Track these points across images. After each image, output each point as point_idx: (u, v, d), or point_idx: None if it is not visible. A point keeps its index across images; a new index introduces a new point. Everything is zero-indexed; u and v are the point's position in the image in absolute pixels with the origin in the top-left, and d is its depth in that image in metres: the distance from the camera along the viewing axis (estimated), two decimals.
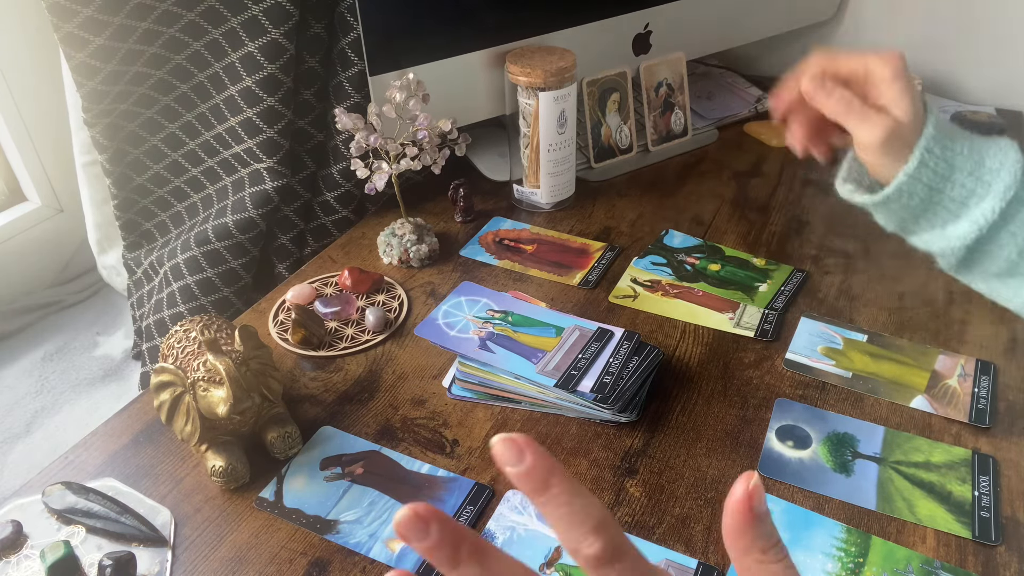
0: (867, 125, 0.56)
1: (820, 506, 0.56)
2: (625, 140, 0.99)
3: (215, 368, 0.55)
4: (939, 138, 0.56)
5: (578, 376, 0.63)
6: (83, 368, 0.94)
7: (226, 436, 0.58)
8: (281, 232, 0.90)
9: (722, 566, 0.52)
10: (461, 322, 0.70)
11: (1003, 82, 1.13)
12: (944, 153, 0.56)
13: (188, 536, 0.55)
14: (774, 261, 0.82)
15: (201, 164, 0.89)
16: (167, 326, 0.86)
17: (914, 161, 0.55)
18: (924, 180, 0.56)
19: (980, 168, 0.56)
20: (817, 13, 1.18)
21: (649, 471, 0.59)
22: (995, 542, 0.53)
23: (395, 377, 0.69)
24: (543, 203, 0.91)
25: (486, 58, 0.87)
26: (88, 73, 0.79)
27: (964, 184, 0.56)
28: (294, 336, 0.71)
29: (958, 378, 0.67)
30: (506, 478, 0.61)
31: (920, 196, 0.57)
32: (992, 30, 1.11)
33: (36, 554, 0.54)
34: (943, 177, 0.56)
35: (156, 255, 0.89)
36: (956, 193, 0.56)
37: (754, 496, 0.29)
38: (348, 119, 0.74)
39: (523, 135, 0.87)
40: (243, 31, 0.79)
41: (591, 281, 0.79)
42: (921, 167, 0.55)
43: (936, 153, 0.55)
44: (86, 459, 0.61)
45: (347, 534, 0.55)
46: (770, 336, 0.71)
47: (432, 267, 0.83)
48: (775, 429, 0.62)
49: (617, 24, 0.96)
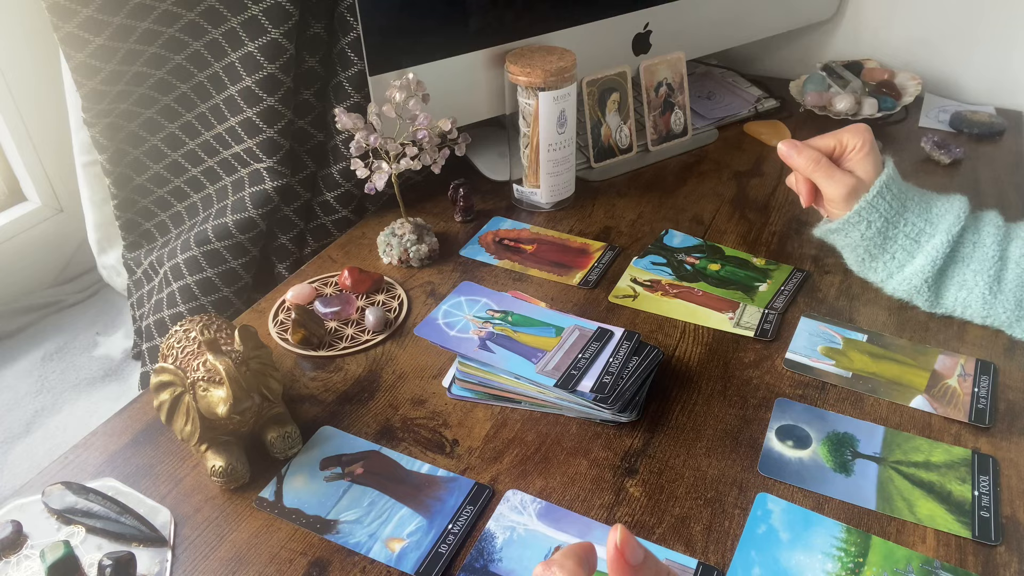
0: (832, 182, 0.68)
1: (820, 506, 0.56)
2: (625, 140, 0.99)
3: (215, 368, 0.55)
4: (896, 181, 0.68)
5: (578, 376, 0.63)
6: (83, 368, 0.94)
7: (226, 436, 0.58)
8: (281, 232, 0.90)
9: (722, 566, 0.52)
10: (461, 322, 0.70)
11: (1003, 82, 1.13)
12: (899, 194, 0.68)
13: (188, 536, 0.55)
14: (774, 261, 0.82)
15: (201, 164, 0.89)
16: (167, 326, 0.86)
17: (873, 191, 0.67)
18: (881, 210, 0.67)
19: (928, 212, 0.68)
20: (817, 13, 1.18)
21: (649, 471, 0.59)
22: (995, 542, 0.53)
23: (395, 377, 0.69)
24: (543, 203, 0.91)
25: (486, 58, 0.87)
26: (88, 73, 0.79)
27: (915, 223, 0.68)
28: (294, 336, 0.71)
29: (958, 378, 0.66)
30: (506, 478, 0.62)
31: (877, 226, 0.68)
32: (992, 30, 1.11)
33: (36, 554, 0.54)
34: (897, 212, 0.68)
35: (156, 255, 0.89)
36: (909, 229, 0.68)
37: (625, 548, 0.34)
38: (348, 119, 0.74)
39: (523, 135, 0.87)
40: (243, 31, 0.79)
41: (591, 281, 0.79)
42: (878, 198, 0.67)
43: (892, 191, 0.67)
44: (86, 459, 0.61)
45: (347, 534, 0.55)
46: (770, 336, 0.71)
47: (432, 267, 0.83)
48: (775, 429, 0.62)
49: (617, 24, 0.96)
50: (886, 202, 0.67)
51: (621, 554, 0.34)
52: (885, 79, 1.11)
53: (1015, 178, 0.95)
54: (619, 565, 0.34)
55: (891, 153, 0.98)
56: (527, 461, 0.60)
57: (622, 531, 0.34)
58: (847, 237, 0.71)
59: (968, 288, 0.68)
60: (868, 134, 0.69)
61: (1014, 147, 1.03)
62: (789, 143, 0.70)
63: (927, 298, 0.70)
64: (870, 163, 0.68)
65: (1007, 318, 0.68)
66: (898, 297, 0.72)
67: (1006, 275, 0.67)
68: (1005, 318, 0.68)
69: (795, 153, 0.69)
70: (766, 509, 0.56)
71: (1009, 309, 0.67)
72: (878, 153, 0.69)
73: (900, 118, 1.10)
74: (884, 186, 0.67)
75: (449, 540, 0.54)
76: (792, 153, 0.70)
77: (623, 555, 0.34)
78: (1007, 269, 0.67)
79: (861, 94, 1.08)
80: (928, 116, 1.10)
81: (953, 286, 0.69)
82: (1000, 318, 0.68)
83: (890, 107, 1.06)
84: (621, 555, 0.34)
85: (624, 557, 0.34)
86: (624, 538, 0.34)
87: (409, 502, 0.57)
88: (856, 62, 1.15)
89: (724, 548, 0.54)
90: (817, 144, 0.70)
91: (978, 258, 0.67)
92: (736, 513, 0.56)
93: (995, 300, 0.67)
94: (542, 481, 0.59)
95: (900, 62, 1.18)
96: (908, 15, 1.16)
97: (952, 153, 0.98)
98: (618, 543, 0.34)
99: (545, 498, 0.57)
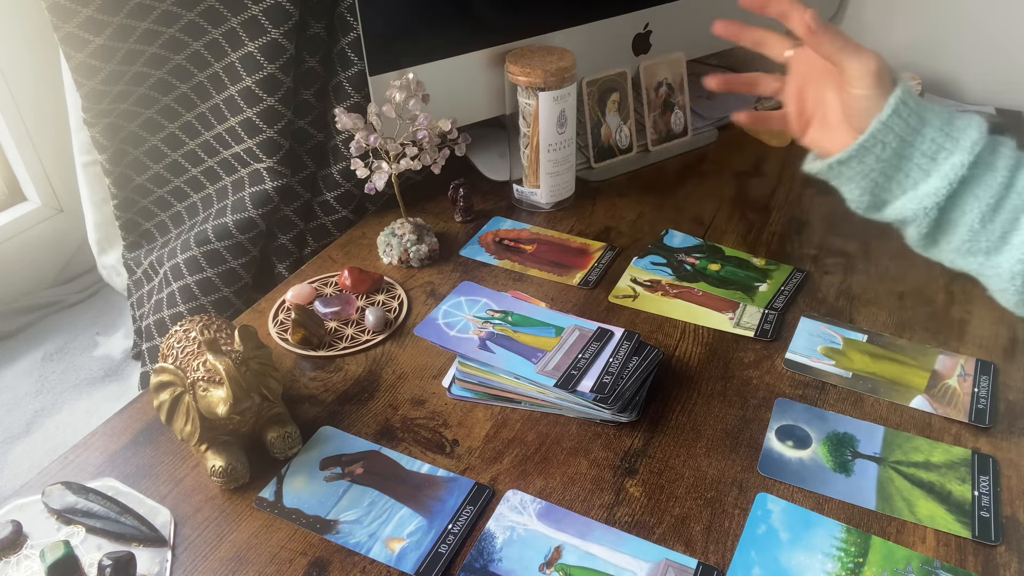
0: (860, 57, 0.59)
1: (820, 506, 0.56)
2: (625, 140, 0.99)
3: (215, 368, 0.55)
4: (911, 94, 0.59)
5: (578, 376, 0.63)
6: (83, 368, 0.94)
7: (226, 436, 0.58)
8: (281, 232, 0.90)
9: (722, 566, 0.52)
10: (461, 322, 0.70)
11: (1003, 82, 1.13)
12: (917, 107, 0.59)
13: (188, 536, 0.55)
14: (774, 261, 0.82)
15: (201, 164, 0.89)
16: (167, 326, 0.86)
17: (889, 108, 0.58)
18: (897, 130, 0.59)
19: (949, 125, 0.59)
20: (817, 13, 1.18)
21: (649, 471, 0.59)
22: (995, 542, 0.53)
23: (395, 377, 0.69)
24: (543, 203, 0.91)
25: (486, 58, 0.87)
26: (88, 73, 0.79)
27: (934, 139, 0.59)
28: (294, 336, 0.71)
29: (958, 378, 0.67)
30: (506, 478, 0.62)
31: (892, 147, 0.59)
32: (992, 30, 1.11)
33: (36, 554, 0.54)
34: (914, 129, 0.59)
35: (156, 255, 0.89)
36: (927, 147, 0.59)
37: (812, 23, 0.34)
38: (348, 119, 0.74)
39: (523, 135, 0.87)
40: (243, 31, 0.79)
41: (591, 281, 0.79)
42: (895, 116, 0.59)
43: (910, 105, 0.59)
44: (86, 459, 0.61)
45: (347, 534, 0.55)
46: (770, 336, 0.71)
47: (432, 267, 0.83)
48: (775, 429, 0.62)
49: (617, 24, 0.96)
50: (903, 120, 0.59)
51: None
52: None
53: None
54: None
55: None
56: (527, 461, 0.60)
57: None
58: (860, 164, 0.61)
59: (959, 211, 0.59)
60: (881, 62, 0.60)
61: None
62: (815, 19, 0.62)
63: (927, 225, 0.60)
64: None
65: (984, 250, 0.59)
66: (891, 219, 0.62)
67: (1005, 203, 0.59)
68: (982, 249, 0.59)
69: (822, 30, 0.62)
70: (766, 509, 0.56)
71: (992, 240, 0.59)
72: None
73: None
74: (901, 101, 0.58)
75: (449, 540, 0.54)
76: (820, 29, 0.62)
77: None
78: (1008, 197, 0.59)
79: None
80: None
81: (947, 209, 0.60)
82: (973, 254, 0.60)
83: None
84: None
85: None
86: None
87: (409, 502, 0.57)
88: None
89: (724, 548, 0.54)
90: None
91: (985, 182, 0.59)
92: (736, 513, 0.56)
93: (982, 230, 0.59)
94: (542, 481, 0.59)
95: (900, 62, 1.18)
96: (908, 15, 1.16)
97: None
98: None
99: (545, 498, 0.57)
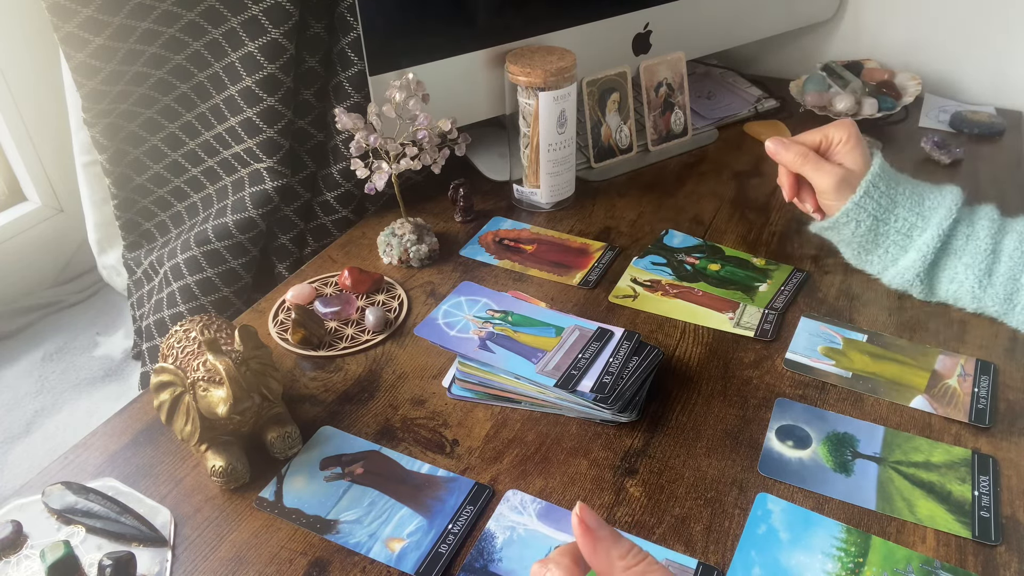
0: (820, 173, 0.69)
1: (820, 506, 0.56)
2: (625, 140, 0.99)
3: (215, 368, 0.55)
4: (884, 176, 0.69)
5: (578, 376, 0.63)
6: (83, 368, 0.94)
7: (226, 436, 0.58)
8: (281, 232, 0.90)
9: (722, 566, 0.52)
10: (461, 322, 0.70)
11: (1003, 82, 1.13)
12: (888, 190, 0.68)
13: (188, 536, 0.55)
14: (774, 261, 0.82)
15: (201, 164, 0.89)
16: (167, 326, 0.86)
17: (860, 191, 0.68)
18: (869, 209, 0.68)
19: (920, 206, 0.68)
20: (817, 13, 1.18)
21: (649, 471, 0.59)
22: (995, 542, 0.53)
23: (395, 377, 0.69)
24: (543, 203, 0.91)
25: (486, 58, 0.87)
26: (88, 73, 0.79)
27: (906, 218, 0.68)
28: (294, 336, 0.71)
29: (958, 378, 0.67)
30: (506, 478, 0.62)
31: (867, 224, 0.69)
32: (992, 30, 1.11)
33: (36, 554, 0.54)
34: (887, 209, 0.68)
35: (156, 255, 0.89)
36: (900, 225, 0.69)
37: (584, 516, 0.37)
38: (348, 119, 0.74)
39: (523, 135, 0.87)
40: (243, 31, 0.79)
41: (591, 281, 0.79)
42: (866, 197, 0.68)
43: (880, 188, 0.68)
44: (86, 459, 0.61)
45: (347, 534, 0.55)
46: (770, 336, 0.71)
47: (432, 267, 0.83)
48: (775, 429, 0.62)
49: (617, 24, 0.96)
50: (874, 200, 0.68)
51: (583, 523, 0.38)
52: (885, 79, 1.11)
53: (1015, 178, 0.95)
54: (587, 535, 0.38)
55: (891, 153, 0.98)
56: (527, 461, 0.60)
57: (579, 505, 0.38)
58: (839, 234, 0.72)
59: (958, 282, 0.69)
60: (853, 127, 0.70)
61: (1014, 147, 1.03)
62: (776, 140, 0.72)
63: (921, 290, 0.71)
64: (858, 154, 0.69)
65: (996, 311, 0.69)
66: (894, 288, 0.73)
67: (998, 268, 0.67)
68: (995, 311, 0.69)
69: (783, 149, 0.71)
70: (766, 509, 0.56)
71: (998, 302, 0.68)
72: (865, 146, 0.70)
73: (900, 118, 1.09)
74: (871, 184, 0.68)
75: (449, 540, 0.54)
76: (780, 149, 0.71)
77: (584, 522, 0.38)
78: (999, 263, 0.67)
79: (861, 94, 1.08)
80: (928, 116, 1.10)
81: (944, 279, 0.70)
82: (990, 310, 0.69)
83: (890, 107, 1.06)
84: (584, 523, 0.38)
85: (587, 524, 0.37)
86: (582, 507, 0.38)
87: (409, 502, 0.57)
88: (856, 62, 1.15)
89: (724, 548, 0.54)
90: (804, 139, 0.71)
91: (971, 251, 0.68)
92: (736, 513, 0.56)
93: (984, 294, 0.68)
94: (542, 481, 0.59)
95: (900, 62, 1.18)
96: (908, 15, 1.16)
97: (952, 153, 0.98)
98: (579, 512, 0.38)
99: (545, 498, 0.57)
